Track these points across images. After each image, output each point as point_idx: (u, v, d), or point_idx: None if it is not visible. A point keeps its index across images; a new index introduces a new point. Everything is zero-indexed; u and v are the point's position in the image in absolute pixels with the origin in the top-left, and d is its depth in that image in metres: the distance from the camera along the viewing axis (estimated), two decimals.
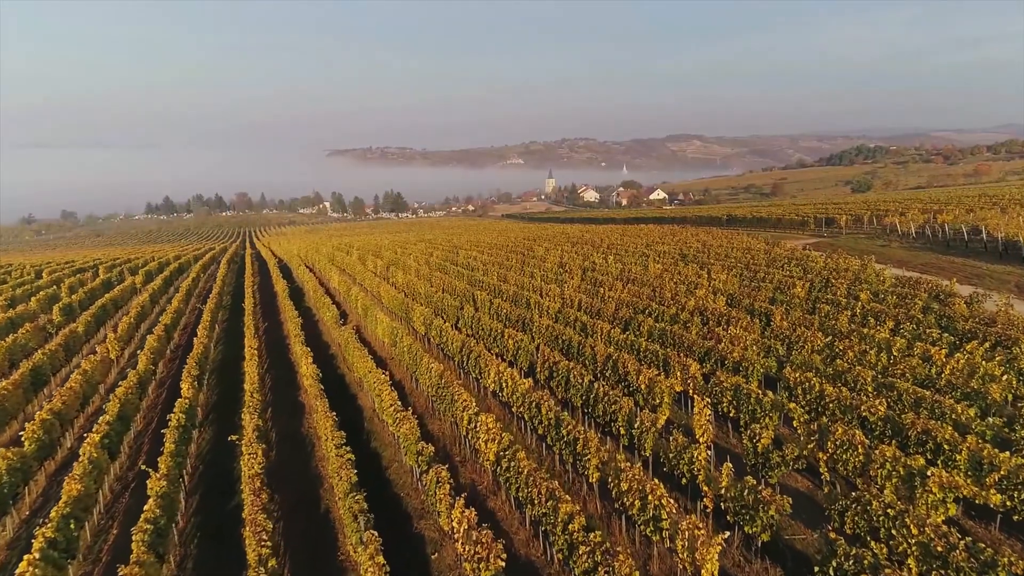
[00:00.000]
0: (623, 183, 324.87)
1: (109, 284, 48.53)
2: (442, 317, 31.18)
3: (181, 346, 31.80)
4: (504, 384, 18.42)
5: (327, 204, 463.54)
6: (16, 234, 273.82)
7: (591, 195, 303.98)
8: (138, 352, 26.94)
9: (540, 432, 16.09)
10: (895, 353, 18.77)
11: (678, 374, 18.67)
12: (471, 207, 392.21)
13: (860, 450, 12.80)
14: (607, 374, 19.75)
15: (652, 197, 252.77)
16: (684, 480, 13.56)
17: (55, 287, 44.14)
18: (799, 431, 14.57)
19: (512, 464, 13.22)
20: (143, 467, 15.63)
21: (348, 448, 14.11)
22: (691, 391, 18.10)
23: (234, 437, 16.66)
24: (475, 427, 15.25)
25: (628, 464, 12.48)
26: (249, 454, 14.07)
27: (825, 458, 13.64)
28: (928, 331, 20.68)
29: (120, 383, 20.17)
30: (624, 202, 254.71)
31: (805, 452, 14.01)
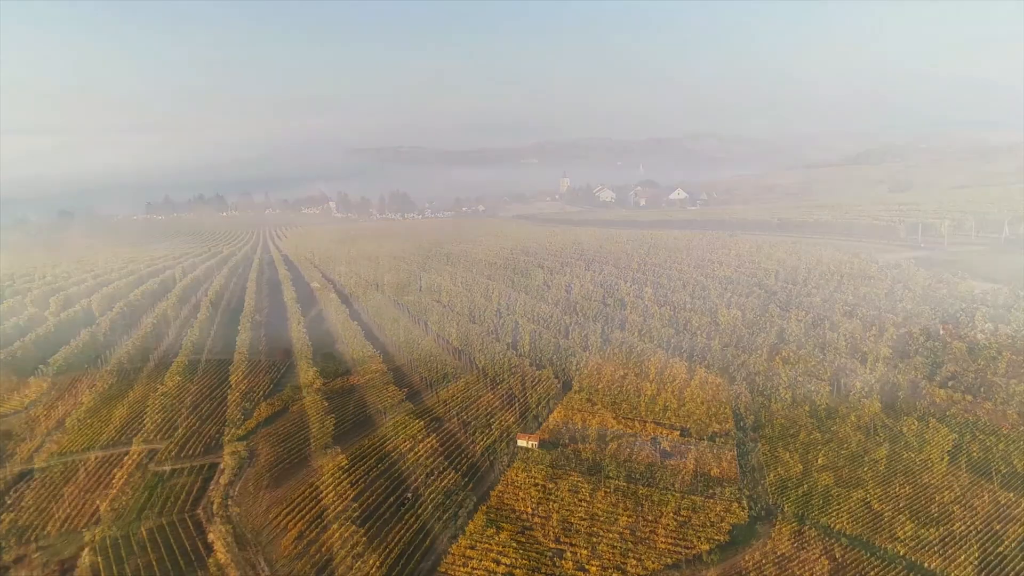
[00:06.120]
0: (641, 182, 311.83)
1: None
2: None
3: None
4: None
5: (332, 204, 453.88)
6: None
7: (607, 195, 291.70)
8: None
9: None
10: None
11: None
12: (481, 207, 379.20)
13: None
14: None
15: (672, 197, 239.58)
16: None
17: None
18: None
19: None
20: None
21: None
22: None
23: None
24: None
25: None
26: None
27: None
28: None
29: None
30: (643, 202, 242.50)
31: None
